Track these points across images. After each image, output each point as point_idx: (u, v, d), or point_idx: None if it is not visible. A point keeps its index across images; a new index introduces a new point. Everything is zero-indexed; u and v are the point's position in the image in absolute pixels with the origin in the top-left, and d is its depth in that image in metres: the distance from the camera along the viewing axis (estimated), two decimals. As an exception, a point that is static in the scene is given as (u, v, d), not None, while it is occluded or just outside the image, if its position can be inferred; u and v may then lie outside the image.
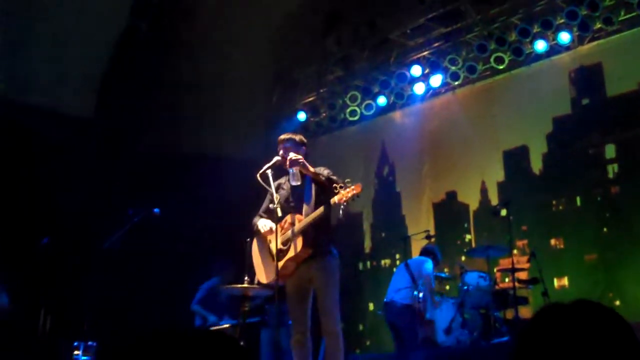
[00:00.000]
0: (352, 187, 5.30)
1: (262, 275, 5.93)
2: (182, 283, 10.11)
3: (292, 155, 5.83)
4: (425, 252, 9.10)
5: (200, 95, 11.28)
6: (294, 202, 5.87)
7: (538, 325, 1.62)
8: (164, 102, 11.06)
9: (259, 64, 11.75)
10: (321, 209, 5.56)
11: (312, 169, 5.78)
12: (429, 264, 8.70)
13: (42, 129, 10.00)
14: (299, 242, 5.63)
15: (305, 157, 5.97)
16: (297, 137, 6.18)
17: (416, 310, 8.26)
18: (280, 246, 5.71)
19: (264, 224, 5.89)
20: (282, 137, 6.14)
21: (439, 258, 9.11)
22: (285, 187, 6.03)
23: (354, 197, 5.31)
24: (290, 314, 5.88)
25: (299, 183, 5.95)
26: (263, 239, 6.02)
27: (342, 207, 5.32)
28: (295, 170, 5.89)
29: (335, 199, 5.32)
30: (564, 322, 1.58)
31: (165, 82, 11.08)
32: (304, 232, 5.64)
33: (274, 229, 5.74)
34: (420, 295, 8.30)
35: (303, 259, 5.68)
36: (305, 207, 5.75)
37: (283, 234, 5.78)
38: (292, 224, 5.73)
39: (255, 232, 6.06)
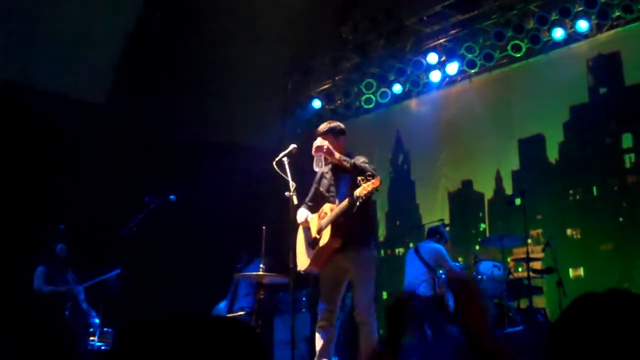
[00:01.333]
0: (372, 180, 5.35)
1: (301, 262, 6.05)
2: (198, 270, 10.19)
3: (317, 142, 5.90)
4: (431, 233, 9.10)
5: (215, 83, 11.30)
6: (334, 192, 5.94)
7: (574, 315, 1.62)
8: (179, 90, 11.10)
9: (275, 51, 11.75)
10: (346, 201, 5.63)
11: (337, 156, 5.82)
12: (442, 250, 8.67)
13: (56, 115, 10.07)
14: (327, 232, 5.73)
15: (343, 145, 6.08)
16: (336, 126, 6.19)
17: (438, 299, 8.28)
18: (315, 235, 5.87)
19: (300, 214, 6.02)
20: (321, 129, 6.15)
21: (447, 237, 9.10)
22: (327, 176, 6.11)
23: (373, 191, 5.37)
24: (321, 300, 5.95)
25: (321, 169, 6.03)
26: (304, 229, 6.13)
27: (360, 200, 5.36)
28: (319, 156, 5.93)
29: (357, 192, 5.38)
30: (600, 312, 1.58)
31: (179, 70, 11.11)
32: (334, 222, 5.73)
33: (309, 218, 5.90)
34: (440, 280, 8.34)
35: (335, 249, 5.78)
36: (339, 199, 5.85)
37: (319, 223, 5.90)
38: (327, 214, 5.83)
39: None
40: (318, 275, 6.04)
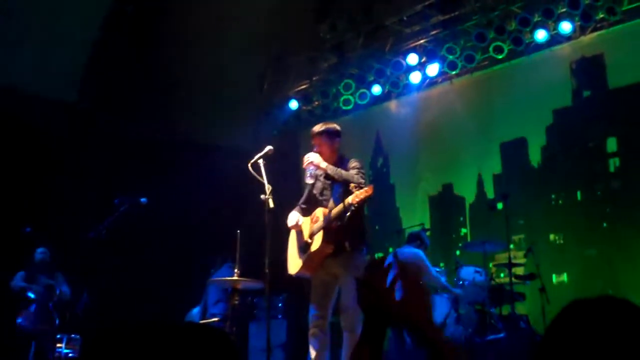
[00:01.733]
0: (365, 188, 5.38)
1: (291, 265, 6.13)
2: (170, 275, 10.10)
3: (307, 157, 6.09)
4: (411, 238, 9.06)
5: (188, 82, 11.23)
6: (328, 195, 5.97)
7: (565, 323, 1.60)
8: (151, 88, 11.00)
9: (250, 50, 11.69)
10: (338, 208, 5.70)
11: (324, 166, 5.94)
12: (421, 255, 8.60)
13: (23, 114, 9.93)
14: (319, 238, 5.78)
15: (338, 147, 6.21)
16: (332, 127, 6.24)
17: None
18: (307, 239, 5.93)
19: (291, 217, 6.10)
20: (316, 129, 6.20)
21: (427, 243, 9.06)
22: (321, 179, 6.15)
23: (366, 200, 5.45)
24: (312, 306, 5.98)
25: (312, 182, 6.13)
26: (298, 231, 6.16)
27: (352, 207, 5.41)
28: (309, 169, 6.08)
29: (349, 199, 5.47)
30: (591, 319, 1.56)
31: (152, 68, 11.01)
32: (326, 228, 5.76)
33: (300, 222, 5.96)
34: None
35: (326, 255, 5.82)
36: (331, 202, 5.91)
37: (311, 227, 5.95)
38: (319, 218, 5.88)
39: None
40: (308, 280, 6.08)
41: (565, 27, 9.48)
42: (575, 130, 9.61)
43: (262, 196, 5.79)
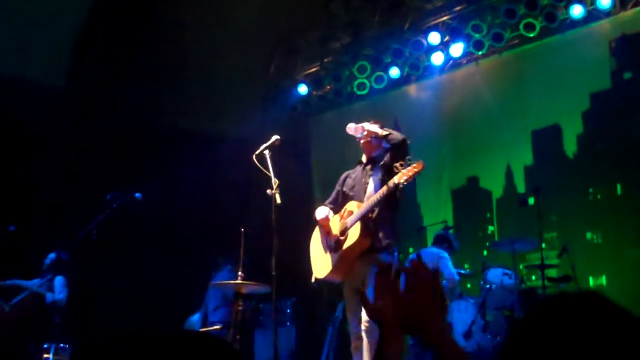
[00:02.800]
0: (414, 164, 5.38)
1: (318, 269, 6.04)
2: (168, 279, 10.12)
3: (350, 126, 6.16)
4: (438, 240, 9.09)
5: (187, 64, 11.23)
6: (357, 191, 5.98)
7: (539, 318, 1.59)
8: (146, 72, 11.01)
9: (256, 28, 11.67)
10: (382, 191, 5.64)
11: (381, 132, 6.01)
12: (447, 261, 8.69)
13: (7, 100, 9.96)
14: (355, 231, 5.71)
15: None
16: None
17: None
18: (338, 236, 5.85)
19: (320, 211, 6.05)
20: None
21: (456, 246, 9.11)
22: (352, 175, 6.21)
23: (415, 176, 5.40)
24: (350, 318, 5.95)
25: (346, 172, 6.23)
26: (321, 229, 6.13)
27: (400, 186, 5.43)
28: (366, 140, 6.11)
29: (395, 178, 5.45)
30: (569, 318, 1.54)
31: (147, 49, 11.02)
32: (364, 218, 5.71)
33: (330, 216, 5.93)
34: None
35: (361, 251, 5.75)
36: (370, 188, 5.90)
37: (342, 223, 5.89)
38: (352, 212, 5.83)
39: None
40: (324, 284, 6.09)
41: (604, 1, 9.44)
42: (615, 115, 9.56)
43: (269, 191, 5.78)
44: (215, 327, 8.51)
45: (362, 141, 6.18)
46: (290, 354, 9.52)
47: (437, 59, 11.02)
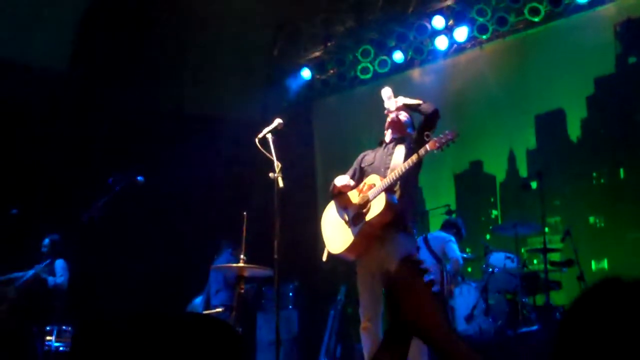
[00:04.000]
0: (447, 131, 5.37)
1: (334, 244, 5.85)
2: (171, 261, 10.15)
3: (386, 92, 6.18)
4: (447, 225, 9.12)
5: (190, 47, 11.20)
6: (377, 167, 5.86)
7: (592, 305, 1.56)
8: (150, 54, 10.99)
9: (258, 11, 11.62)
10: (412, 158, 5.52)
11: (401, 102, 6.05)
12: (453, 244, 8.71)
13: (8, 83, 9.94)
14: (380, 201, 5.52)
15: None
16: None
17: (446, 298, 8.29)
18: (357, 210, 5.70)
19: (340, 178, 5.89)
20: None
21: (463, 233, 9.13)
22: (372, 154, 6.09)
23: (448, 144, 5.38)
24: (360, 298, 5.81)
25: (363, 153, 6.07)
26: (338, 203, 5.97)
27: (434, 152, 5.40)
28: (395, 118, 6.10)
29: (427, 146, 5.39)
30: (625, 303, 1.51)
31: (149, 32, 11.00)
32: (389, 189, 5.56)
33: (351, 184, 5.81)
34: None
35: (383, 225, 5.57)
36: (392, 166, 5.71)
37: (362, 196, 5.73)
38: (372, 185, 5.67)
39: (332, 195, 6.03)
40: (325, 266, 5.97)
41: (610, -16, 9.39)
42: (619, 100, 9.55)
43: (271, 174, 5.76)
44: (217, 309, 8.53)
45: (391, 116, 6.11)
46: (292, 338, 9.54)
47: (441, 43, 10.99)
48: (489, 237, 10.11)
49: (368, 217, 5.58)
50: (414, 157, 5.49)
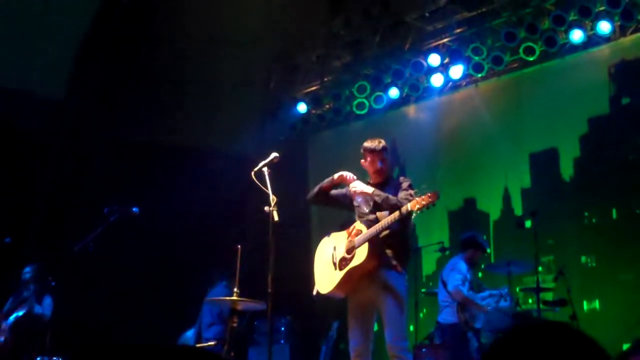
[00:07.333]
0: (428, 193, 5.42)
1: (322, 284, 6.05)
2: (164, 293, 10.11)
3: (353, 186, 6.04)
4: (462, 244, 8.91)
5: (186, 81, 11.25)
6: (364, 211, 6.01)
7: (505, 346, 1.60)
8: (146, 86, 11.03)
9: (255, 45, 11.71)
10: (394, 215, 5.65)
11: (370, 191, 5.93)
12: (457, 273, 8.51)
13: (5, 111, 9.97)
14: (363, 251, 5.72)
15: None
16: (385, 145, 6.23)
17: (463, 329, 8.21)
18: (344, 254, 5.86)
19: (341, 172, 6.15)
20: (377, 146, 6.15)
21: (481, 243, 8.89)
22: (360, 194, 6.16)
23: (429, 206, 5.44)
24: (351, 333, 5.94)
25: (369, 209, 6.04)
26: (330, 242, 6.15)
27: (414, 214, 5.49)
28: (360, 199, 6.06)
29: (408, 206, 5.48)
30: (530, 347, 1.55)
31: (147, 64, 11.05)
32: (372, 240, 5.73)
33: (353, 182, 6.02)
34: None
35: (368, 271, 5.76)
36: (378, 215, 5.88)
37: (349, 241, 5.91)
38: (360, 231, 5.85)
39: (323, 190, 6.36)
40: (320, 301, 6.07)
41: (604, 27, 9.48)
42: (612, 141, 9.60)
43: (266, 208, 5.78)
44: (210, 343, 8.48)
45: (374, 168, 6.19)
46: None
47: (437, 80, 11.07)
48: (482, 275, 10.09)
49: (352, 265, 5.78)
50: (396, 214, 5.64)
